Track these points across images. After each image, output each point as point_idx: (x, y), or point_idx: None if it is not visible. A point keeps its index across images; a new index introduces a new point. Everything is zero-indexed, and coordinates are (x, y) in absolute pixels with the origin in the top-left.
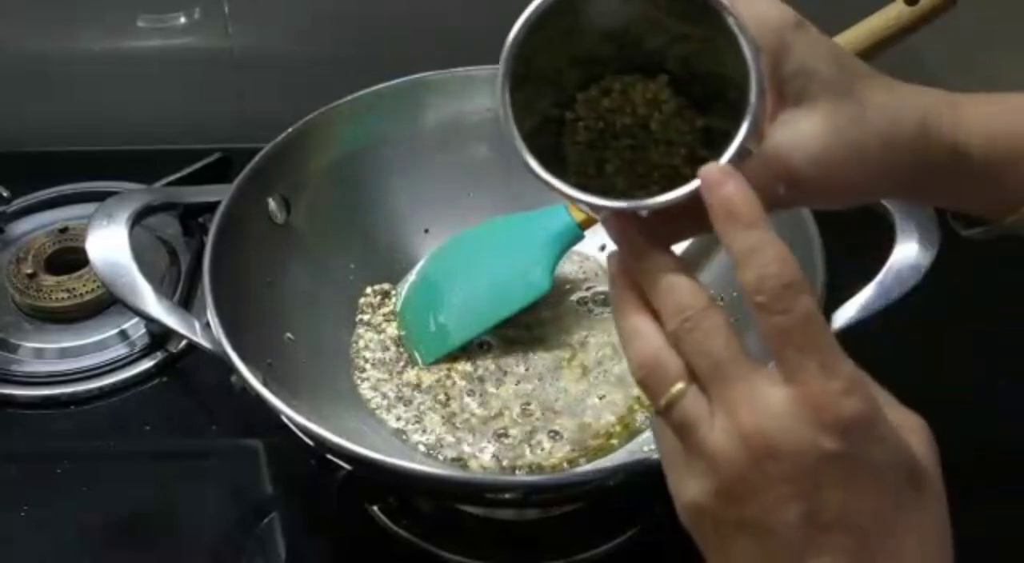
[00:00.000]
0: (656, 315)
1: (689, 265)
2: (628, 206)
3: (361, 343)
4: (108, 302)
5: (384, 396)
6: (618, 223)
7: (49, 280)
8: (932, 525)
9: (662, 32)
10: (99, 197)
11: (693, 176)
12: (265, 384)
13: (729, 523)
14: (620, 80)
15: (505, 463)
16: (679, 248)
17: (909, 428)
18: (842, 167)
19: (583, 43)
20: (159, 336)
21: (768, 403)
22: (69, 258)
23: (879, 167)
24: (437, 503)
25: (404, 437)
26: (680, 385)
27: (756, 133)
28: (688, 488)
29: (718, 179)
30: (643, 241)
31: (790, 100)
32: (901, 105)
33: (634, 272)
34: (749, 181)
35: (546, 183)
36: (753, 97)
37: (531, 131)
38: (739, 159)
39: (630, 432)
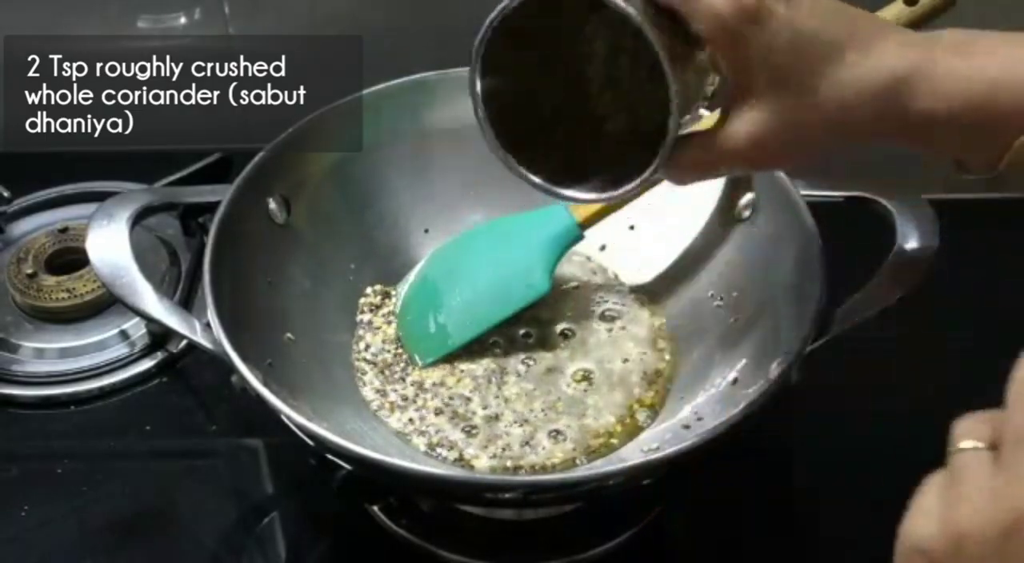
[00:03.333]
0: None
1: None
2: (596, 198)
3: (361, 343)
4: (108, 302)
5: (384, 396)
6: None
7: (49, 280)
8: None
9: None
10: (99, 197)
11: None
12: (265, 384)
13: None
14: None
15: (508, 463)
16: (688, 239)
17: None
18: (791, 149)
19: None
20: (159, 336)
21: None
22: (69, 258)
23: (831, 143)
24: (437, 503)
25: (404, 437)
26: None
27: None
28: (923, 526)
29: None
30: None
31: (743, 92)
32: (863, 83)
33: None
34: (709, 163)
35: (516, 171)
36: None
37: (514, 106)
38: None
39: (630, 432)
